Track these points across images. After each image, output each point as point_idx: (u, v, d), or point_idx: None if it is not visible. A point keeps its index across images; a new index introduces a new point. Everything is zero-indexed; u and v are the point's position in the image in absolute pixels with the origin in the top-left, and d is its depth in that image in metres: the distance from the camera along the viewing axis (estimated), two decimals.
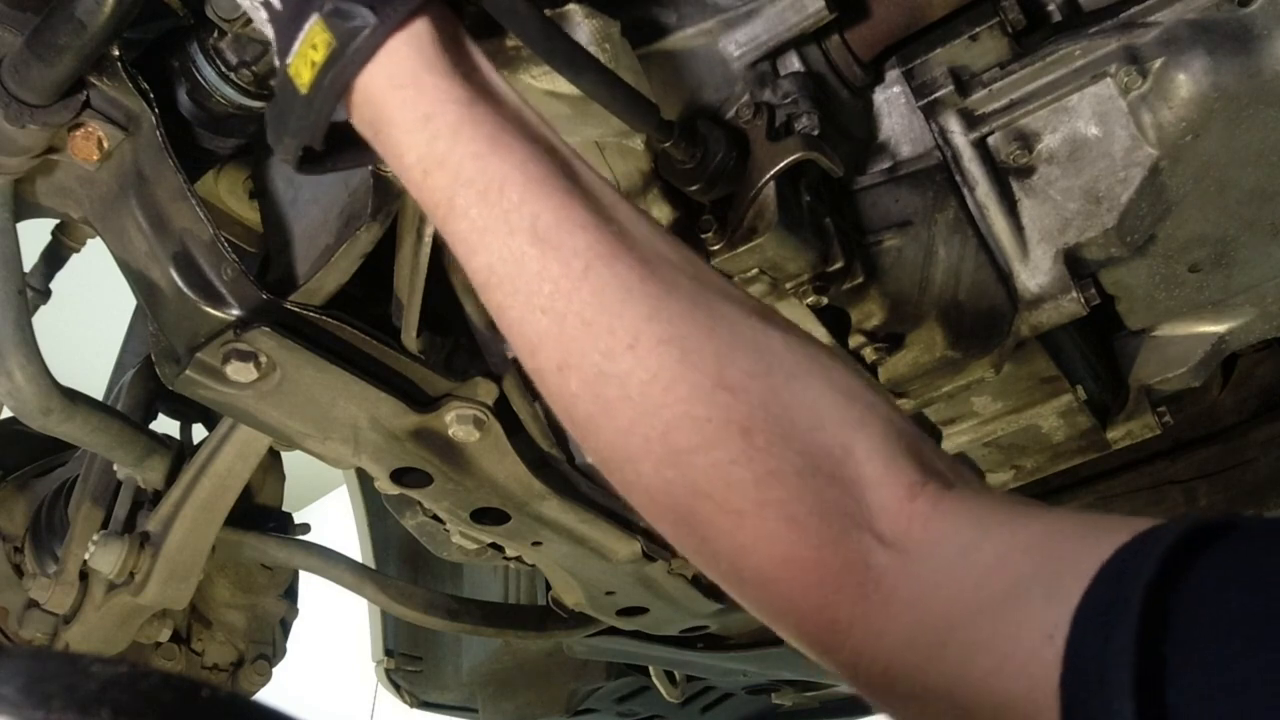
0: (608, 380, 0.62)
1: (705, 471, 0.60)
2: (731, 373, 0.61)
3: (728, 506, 0.60)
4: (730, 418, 0.60)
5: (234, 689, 1.84)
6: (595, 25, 0.88)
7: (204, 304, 0.96)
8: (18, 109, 0.91)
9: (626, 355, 0.61)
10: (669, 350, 0.61)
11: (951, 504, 0.59)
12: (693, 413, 0.60)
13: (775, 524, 0.59)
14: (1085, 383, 1.29)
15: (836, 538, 0.58)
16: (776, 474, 0.59)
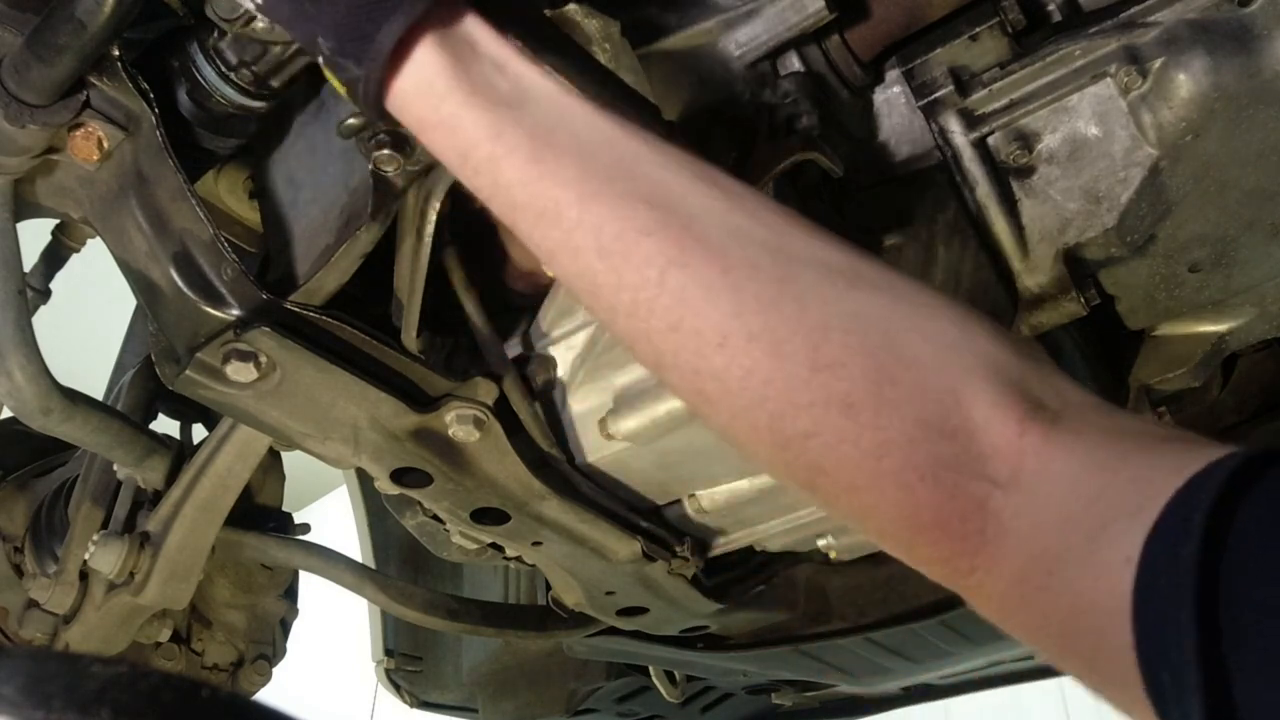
0: (704, 378, 0.63)
1: (817, 452, 0.61)
2: (827, 351, 0.61)
3: (843, 481, 0.62)
4: (832, 397, 0.60)
5: (234, 689, 1.84)
6: (595, 25, 0.88)
7: (204, 304, 0.96)
8: (18, 109, 0.91)
9: (718, 354, 0.62)
10: (760, 344, 0.61)
11: (1060, 436, 0.60)
12: (795, 400, 0.61)
13: (892, 492, 0.61)
14: (1085, 383, 1.29)
15: (952, 493, 0.60)
16: (885, 444, 0.60)
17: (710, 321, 0.61)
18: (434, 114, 0.64)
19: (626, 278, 0.62)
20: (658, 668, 2.18)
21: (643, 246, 0.62)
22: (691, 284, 0.62)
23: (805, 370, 0.61)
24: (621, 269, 0.62)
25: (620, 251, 0.62)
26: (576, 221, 0.63)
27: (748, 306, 0.61)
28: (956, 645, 1.98)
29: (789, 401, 0.61)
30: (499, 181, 0.64)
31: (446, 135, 0.64)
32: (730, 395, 0.62)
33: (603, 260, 0.63)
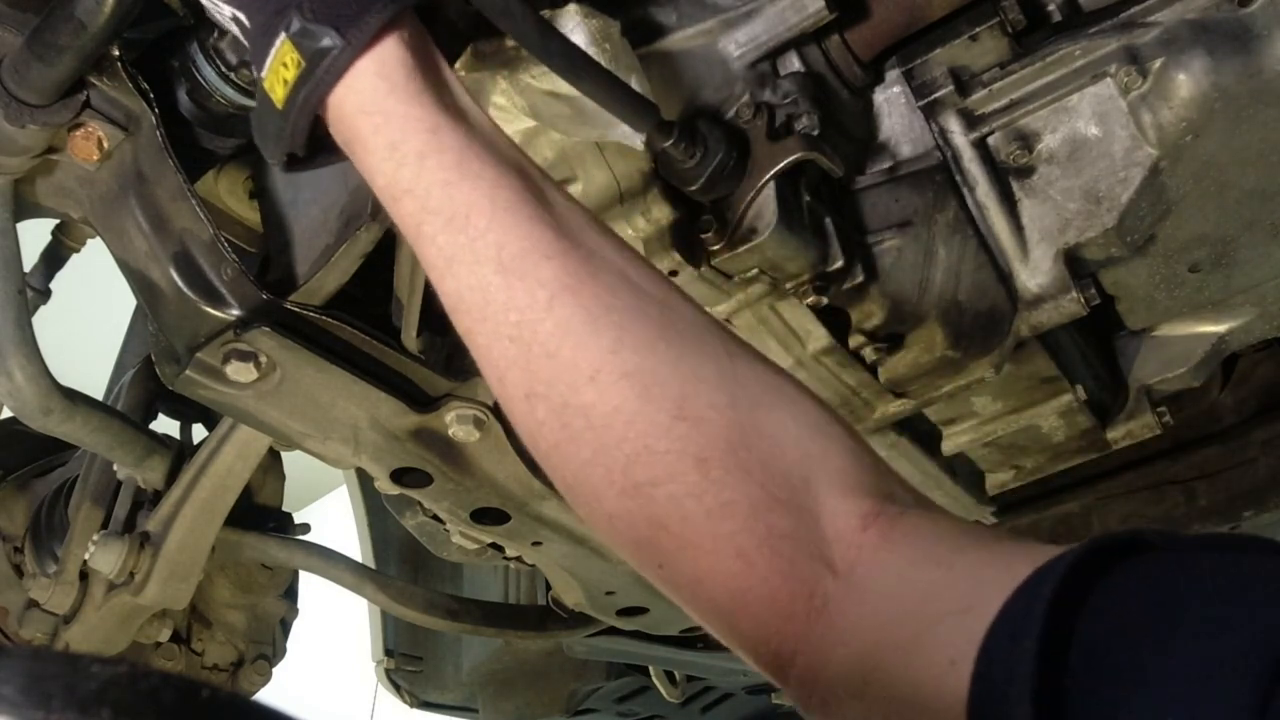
0: (572, 411, 0.63)
1: (663, 504, 0.61)
2: (693, 405, 0.62)
3: (683, 539, 0.61)
4: (687, 450, 0.61)
5: (234, 689, 1.84)
6: (595, 25, 0.88)
7: (204, 304, 0.96)
8: (18, 109, 0.91)
9: (589, 388, 0.62)
10: (631, 384, 0.62)
11: (901, 534, 0.60)
12: (653, 446, 0.61)
13: (728, 558, 0.60)
14: (1085, 383, 1.29)
15: (786, 569, 0.60)
16: (730, 506, 0.60)
17: (588, 353, 0.62)
18: (376, 102, 0.65)
19: (518, 297, 0.63)
20: (658, 668, 2.18)
21: (542, 269, 0.63)
22: (579, 314, 0.63)
23: (668, 418, 0.61)
24: (515, 287, 0.63)
25: (519, 270, 0.63)
26: (484, 230, 0.63)
27: (626, 344, 0.62)
28: None
29: (646, 445, 0.61)
30: (421, 177, 0.64)
31: (381, 122, 0.65)
32: (593, 431, 0.62)
33: (500, 275, 0.63)
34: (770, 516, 0.60)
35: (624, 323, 0.63)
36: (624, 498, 0.62)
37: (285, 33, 0.65)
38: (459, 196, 0.64)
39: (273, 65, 0.66)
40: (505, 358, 0.64)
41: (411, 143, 0.65)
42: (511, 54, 0.89)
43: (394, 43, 0.66)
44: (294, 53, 0.65)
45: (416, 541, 1.55)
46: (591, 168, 1.02)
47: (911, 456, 1.34)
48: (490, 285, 0.63)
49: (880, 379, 1.18)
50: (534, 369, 0.63)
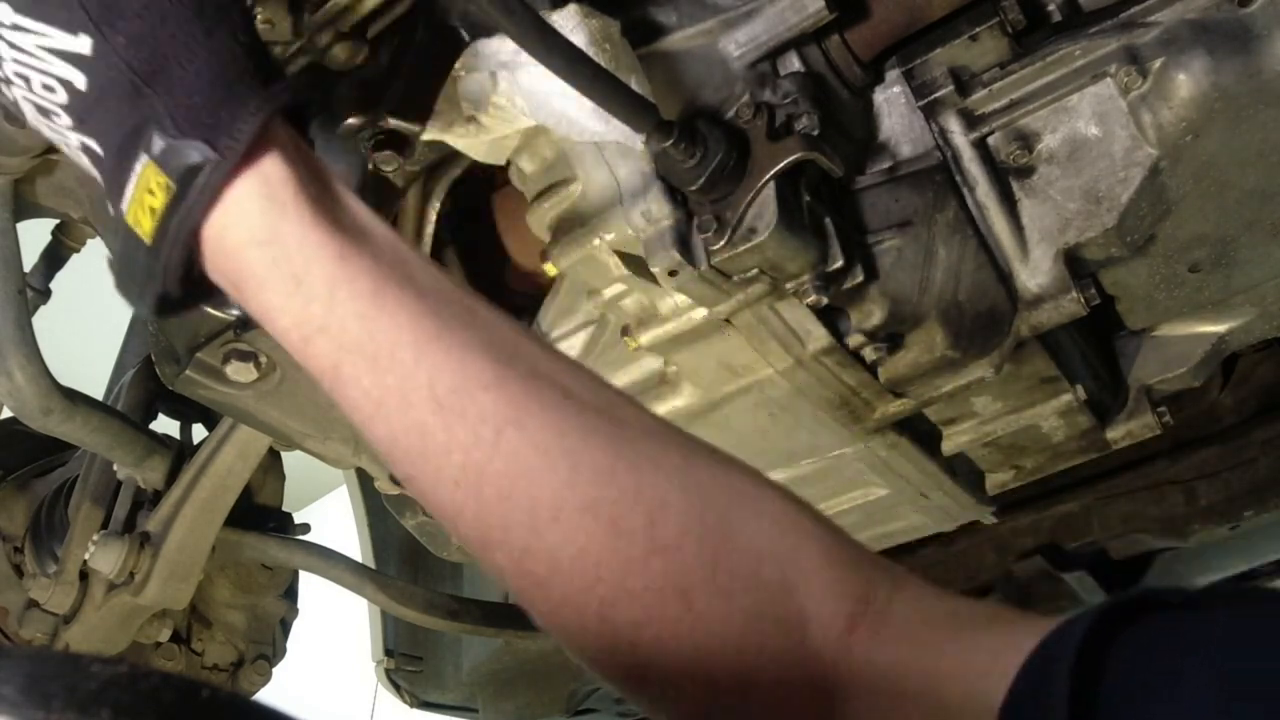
0: (534, 558, 0.57)
1: (649, 646, 0.57)
2: (664, 532, 0.57)
3: (673, 677, 0.57)
4: (666, 584, 0.56)
5: (234, 689, 1.84)
6: (595, 26, 0.88)
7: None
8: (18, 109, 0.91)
9: (551, 529, 0.56)
10: (593, 517, 0.56)
11: (888, 630, 0.57)
12: (628, 586, 0.56)
13: (723, 692, 0.57)
14: (1085, 383, 1.29)
15: (779, 689, 0.57)
16: (719, 637, 0.56)
17: (545, 490, 0.56)
18: (269, 228, 0.57)
19: (459, 435, 0.56)
20: None
21: (479, 401, 0.57)
22: (526, 447, 0.57)
23: (641, 552, 0.56)
24: (455, 425, 0.56)
25: (456, 406, 0.57)
26: (412, 369, 0.57)
27: (583, 476, 0.57)
28: None
29: (622, 586, 0.56)
30: (334, 311, 0.57)
31: (279, 254, 0.57)
32: (560, 577, 0.57)
33: (436, 415, 0.57)
34: (760, 639, 0.57)
35: (577, 449, 0.57)
36: (603, 640, 0.57)
37: (147, 154, 0.56)
38: (380, 331, 0.57)
39: (135, 195, 0.57)
40: (454, 504, 0.58)
41: (317, 274, 0.57)
42: (511, 54, 0.89)
43: (274, 156, 0.58)
44: (159, 175, 0.56)
45: (416, 541, 1.55)
46: (591, 168, 1.02)
47: (911, 456, 1.34)
48: (427, 426, 0.57)
49: (880, 379, 1.18)
50: (486, 514, 0.57)
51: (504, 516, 0.57)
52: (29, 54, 0.56)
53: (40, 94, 0.58)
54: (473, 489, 0.57)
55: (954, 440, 1.34)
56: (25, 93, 0.58)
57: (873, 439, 1.29)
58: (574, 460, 0.57)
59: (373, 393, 0.57)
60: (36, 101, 0.58)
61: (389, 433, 0.58)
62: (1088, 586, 1.85)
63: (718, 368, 1.18)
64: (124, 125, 0.57)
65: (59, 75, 0.57)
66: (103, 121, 0.57)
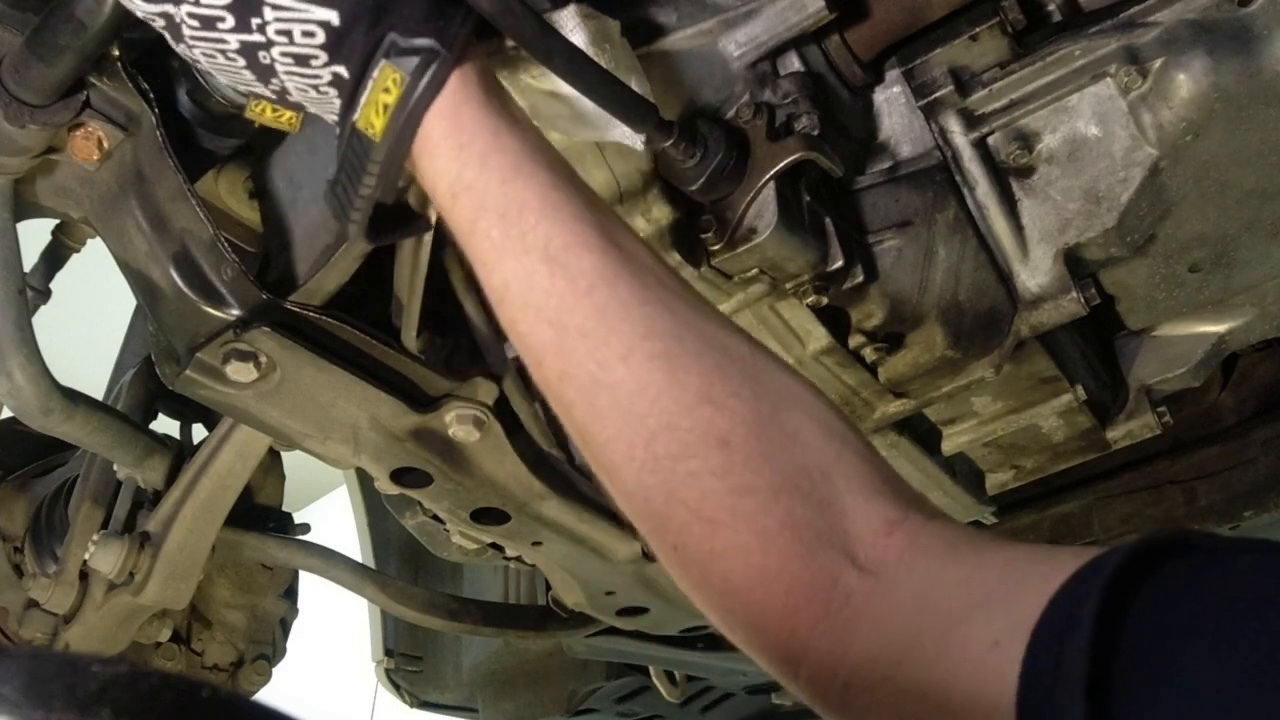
0: (600, 389, 0.66)
1: (683, 478, 0.64)
2: (716, 390, 0.65)
3: (702, 514, 0.63)
4: (710, 430, 0.64)
5: (234, 689, 1.84)
6: (595, 26, 0.87)
7: (204, 304, 0.96)
8: (18, 109, 0.91)
9: (619, 366, 0.66)
10: (658, 364, 0.65)
11: (927, 538, 0.61)
12: (675, 423, 0.64)
13: (746, 534, 0.62)
14: (1085, 383, 1.29)
15: (804, 553, 0.61)
16: (751, 487, 0.62)
17: (620, 336, 0.66)
18: (453, 106, 0.68)
19: (559, 284, 0.67)
20: (658, 668, 2.18)
21: (583, 260, 0.67)
22: (614, 302, 0.67)
23: (693, 397, 0.64)
24: (558, 275, 0.67)
25: (563, 260, 0.67)
26: (534, 225, 0.67)
27: (656, 332, 0.66)
28: None
29: (670, 423, 0.64)
30: (482, 175, 0.68)
31: (451, 126, 0.68)
32: (618, 409, 0.66)
33: (545, 264, 0.67)
34: (791, 502, 0.62)
35: (655, 313, 0.67)
36: (644, 472, 0.65)
37: (384, 59, 0.68)
38: (514, 194, 0.68)
39: (370, 97, 0.69)
40: (543, 341, 0.68)
41: (476, 143, 0.68)
42: (511, 54, 0.89)
43: (470, 52, 0.70)
44: (395, 72, 0.68)
45: (416, 541, 1.55)
46: (591, 168, 1.02)
47: (911, 456, 1.34)
48: (535, 273, 0.67)
49: (880, 379, 1.18)
50: (568, 349, 0.67)
51: (581, 352, 0.67)
52: (290, 9, 0.68)
53: (301, 42, 0.69)
54: (561, 329, 0.67)
55: (954, 440, 1.34)
56: (285, 47, 0.69)
57: (873, 439, 1.29)
58: (650, 322, 0.67)
59: (498, 242, 0.68)
60: (297, 51, 0.69)
61: (503, 279, 0.68)
62: None
63: None
64: (368, 43, 0.69)
65: (317, 19, 0.68)
66: (351, 46, 0.69)
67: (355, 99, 0.70)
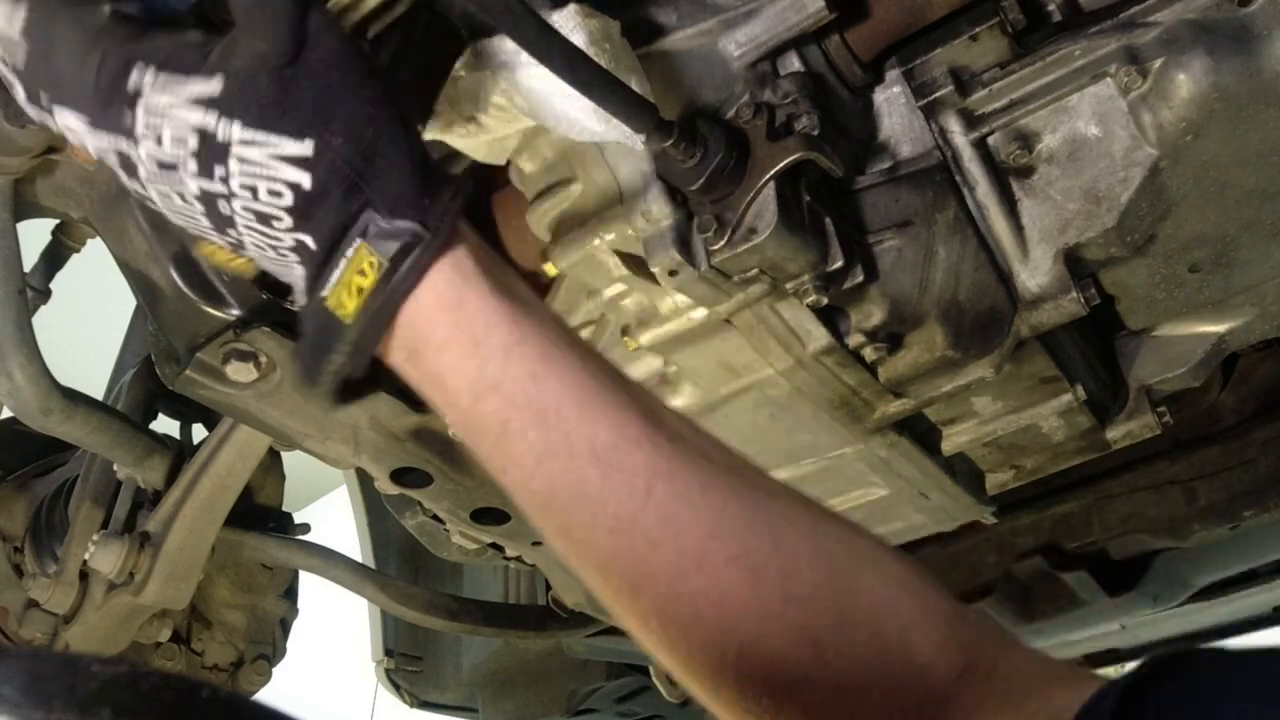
0: (680, 600, 0.62)
1: (781, 690, 0.61)
2: (798, 585, 0.62)
3: (808, 710, 0.61)
4: (800, 633, 0.61)
5: (234, 689, 1.84)
6: (595, 26, 0.87)
7: (204, 304, 0.96)
8: (18, 109, 0.91)
9: (696, 575, 0.61)
10: (737, 568, 0.61)
11: (993, 689, 0.61)
12: (765, 632, 0.61)
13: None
14: (1085, 383, 1.29)
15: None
16: (844, 687, 0.60)
17: (692, 540, 0.61)
18: (456, 296, 0.63)
19: (615, 486, 0.62)
20: (658, 668, 2.18)
21: (635, 457, 0.62)
22: (675, 500, 0.62)
23: (778, 602, 0.61)
24: (612, 477, 0.62)
25: (613, 460, 0.62)
26: (576, 423, 0.62)
27: (726, 528, 0.62)
28: None
29: (758, 633, 0.61)
30: (508, 371, 0.63)
31: (463, 319, 0.63)
32: (702, 624, 0.62)
33: (595, 466, 0.62)
34: (881, 690, 0.61)
35: (719, 504, 0.62)
36: (740, 686, 0.62)
37: (361, 238, 0.62)
38: (549, 390, 0.63)
39: (343, 277, 0.63)
40: (606, 552, 0.63)
41: (495, 337, 0.63)
42: (511, 54, 0.89)
43: (462, 233, 0.65)
44: (372, 255, 0.62)
45: (416, 541, 1.55)
46: (591, 168, 1.02)
47: (911, 456, 1.34)
48: (587, 478, 0.62)
49: (880, 379, 1.18)
50: (637, 560, 0.62)
51: (653, 564, 0.62)
52: (259, 165, 0.62)
53: (265, 200, 0.63)
54: (625, 537, 0.62)
55: (954, 440, 1.34)
56: (248, 202, 0.63)
57: (873, 439, 1.29)
58: (717, 515, 0.62)
59: (538, 446, 0.63)
60: (259, 209, 0.63)
61: (548, 484, 0.63)
62: (1088, 586, 1.85)
63: (718, 368, 1.18)
64: (339, 218, 0.62)
65: (287, 179, 0.62)
66: (321, 217, 0.62)
67: (324, 274, 0.63)
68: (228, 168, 0.62)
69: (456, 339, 0.63)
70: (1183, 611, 2.06)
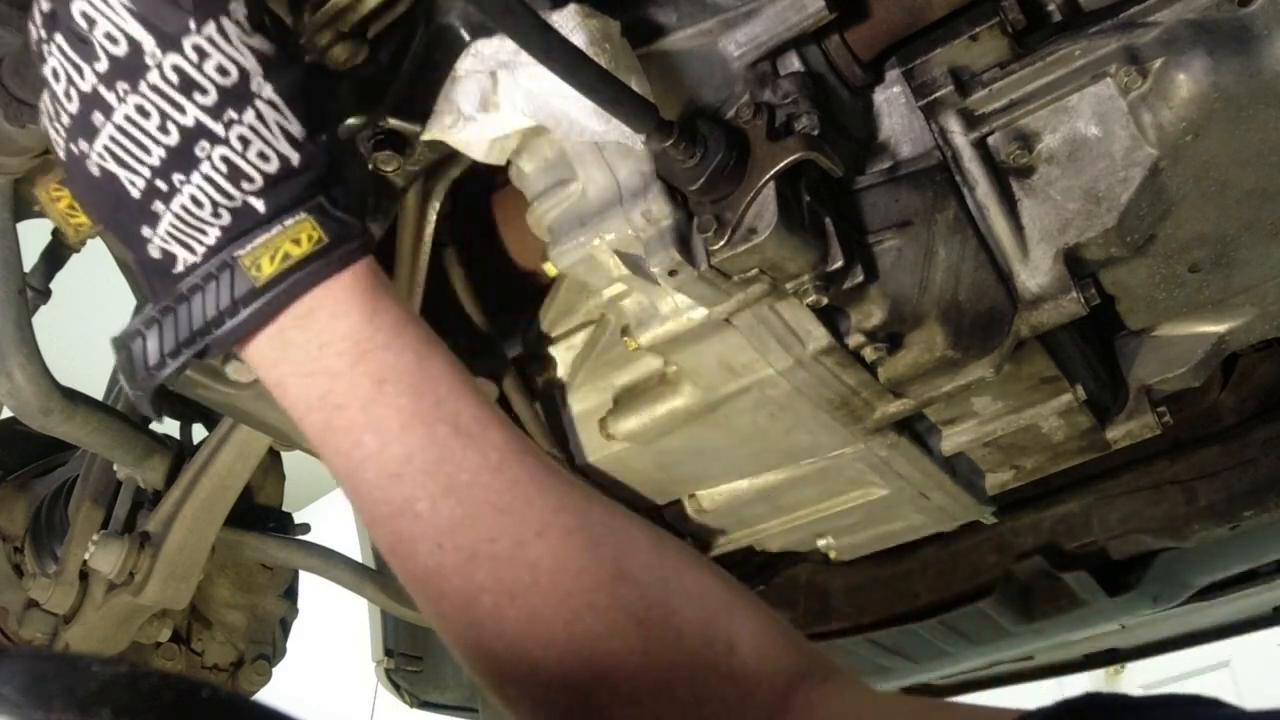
0: (518, 567, 0.65)
1: (604, 660, 0.64)
2: (630, 565, 0.66)
3: (624, 695, 0.64)
4: (628, 609, 0.64)
5: (234, 689, 1.84)
6: (595, 26, 0.88)
7: None
8: (17, 109, 0.91)
9: (537, 542, 0.65)
10: (576, 539, 0.66)
11: (823, 703, 0.64)
12: (596, 601, 0.64)
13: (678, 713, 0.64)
14: (1085, 383, 1.29)
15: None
16: (668, 669, 0.64)
17: (536, 510, 0.66)
18: (366, 280, 0.68)
19: (471, 457, 0.66)
20: None
21: (492, 434, 0.68)
22: (525, 475, 0.67)
23: (611, 573, 0.65)
24: (470, 448, 0.67)
25: (475, 433, 0.67)
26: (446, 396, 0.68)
27: (569, 506, 0.67)
28: (956, 645, 1.98)
29: (591, 601, 0.64)
30: (394, 341, 0.68)
31: (365, 292, 0.68)
32: (536, 589, 0.64)
33: (456, 436, 0.67)
34: (705, 682, 0.64)
35: (565, 487, 0.68)
36: (567, 655, 0.64)
37: (308, 213, 0.67)
38: (430, 365, 0.68)
39: (271, 240, 0.66)
40: (451, 518, 0.66)
41: (390, 314, 0.68)
42: (511, 54, 0.89)
43: (379, 276, 0.70)
44: (315, 230, 0.67)
45: None
46: (591, 168, 1.02)
47: (911, 456, 1.34)
48: (447, 446, 0.66)
49: (880, 379, 1.18)
50: (482, 526, 0.65)
51: (496, 529, 0.65)
52: (267, 128, 0.67)
53: (252, 159, 0.67)
54: (474, 505, 0.66)
55: (954, 440, 1.34)
56: (231, 154, 0.66)
57: (873, 439, 1.29)
58: (561, 495, 0.68)
59: (406, 410, 0.67)
60: (240, 164, 0.66)
61: (406, 451, 0.66)
62: (1088, 586, 1.85)
63: (718, 368, 1.18)
64: (298, 195, 0.67)
65: (281, 151, 0.67)
66: (285, 190, 0.67)
67: (250, 235, 0.66)
68: (242, 115, 0.66)
69: (358, 307, 0.67)
70: (1182, 611, 2.06)
